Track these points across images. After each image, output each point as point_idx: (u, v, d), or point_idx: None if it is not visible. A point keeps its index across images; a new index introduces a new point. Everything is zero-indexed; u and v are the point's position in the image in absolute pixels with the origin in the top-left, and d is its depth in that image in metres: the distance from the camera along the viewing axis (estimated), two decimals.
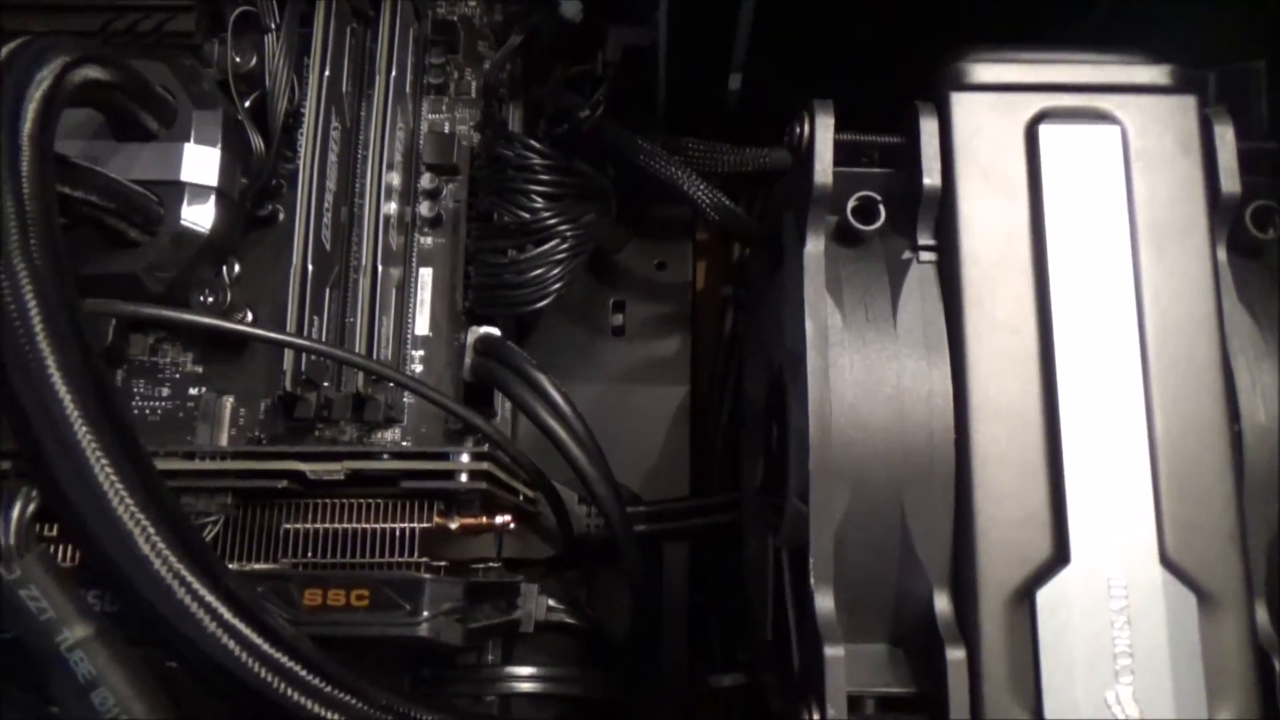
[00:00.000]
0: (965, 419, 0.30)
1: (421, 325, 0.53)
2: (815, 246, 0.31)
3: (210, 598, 0.27)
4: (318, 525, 0.34)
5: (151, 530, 0.27)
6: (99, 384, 0.28)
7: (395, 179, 0.53)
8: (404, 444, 0.49)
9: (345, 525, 0.34)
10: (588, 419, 0.52)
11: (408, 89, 0.55)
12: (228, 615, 0.28)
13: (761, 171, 0.49)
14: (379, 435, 0.50)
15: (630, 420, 0.55)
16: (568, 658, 0.48)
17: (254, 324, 0.51)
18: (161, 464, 0.35)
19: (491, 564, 0.47)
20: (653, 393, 0.56)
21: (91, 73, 0.41)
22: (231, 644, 0.28)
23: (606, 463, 0.44)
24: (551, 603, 0.48)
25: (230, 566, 0.33)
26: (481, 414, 0.49)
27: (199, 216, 0.49)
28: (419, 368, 0.53)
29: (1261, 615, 0.29)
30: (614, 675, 0.49)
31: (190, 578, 0.27)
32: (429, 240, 0.54)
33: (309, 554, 0.34)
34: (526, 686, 0.46)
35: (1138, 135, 0.31)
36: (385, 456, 0.35)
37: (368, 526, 0.34)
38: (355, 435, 0.49)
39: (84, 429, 0.27)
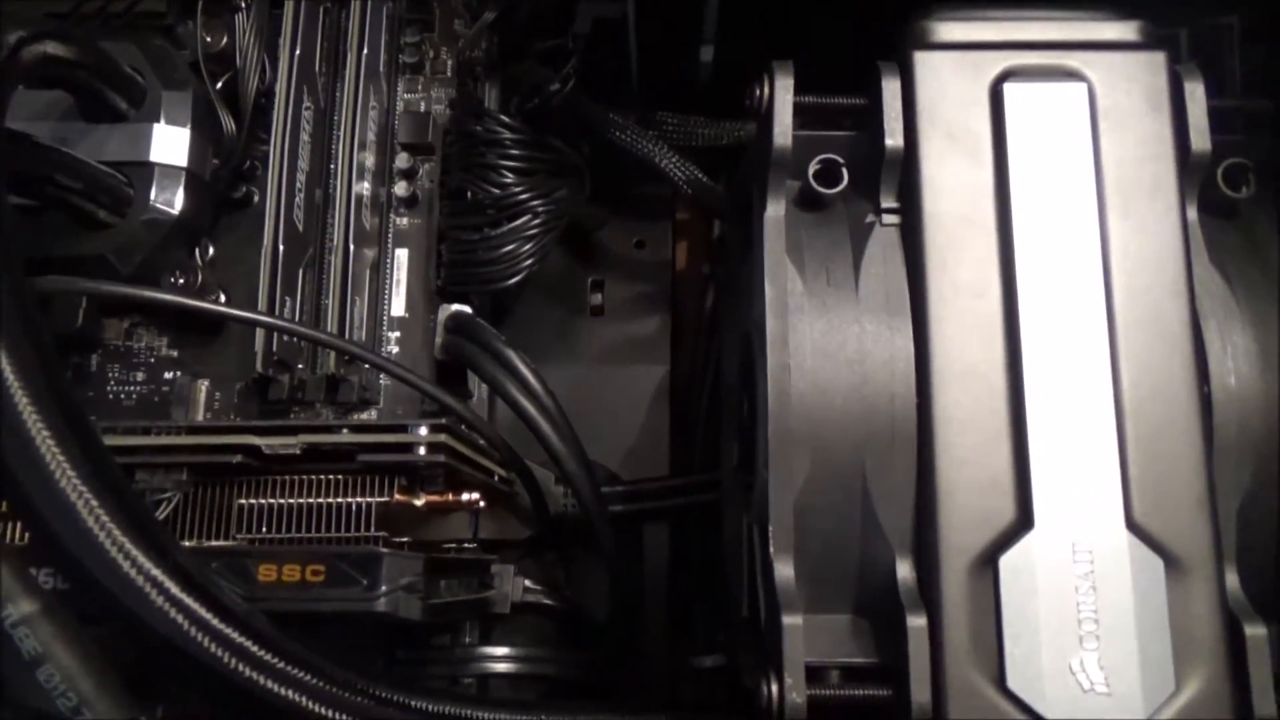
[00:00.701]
0: (928, 383, 0.29)
1: (398, 306, 0.53)
2: (775, 211, 0.31)
3: (157, 572, 0.27)
4: (275, 501, 0.34)
5: (95, 503, 0.26)
6: (42, 358, 0.27)
7: (369, 159, 0.53)
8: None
9: (303, 500, 0.34)
10: (566, 399, 0.51)
11: (382, 68, 0.54)
12: (175, 590, 0.27)
13: (739, 145, 0.48)
14: (355, 417, 0.49)
15: (610, 400, 0.55)
16: (546, 639, 0.48)
17: (225, 305, 0.51)
18: (116, 440, 0.35)
19: (467, 545, 0.46)
20: (632, 372, 0.55)
21: (50, 49, 0.40)
22: (180, 619, 0.27)
23: (579, 441, 0.43)
24: (528, 583, 0.48)
25: (187, 544, 0.33)
26: (456, 394, 0.49)
27: (169, 198, 0.48)
28: (395, 349, 0.52)
29: (1231, 580, 0.28)
30: (594, 656, 0.49)
31: (136, 552, 0.27)
32: (405, 221, 0.53)
33: (267, 530, 0.34)
34: (503, 667, 0.45)
35: (1105, 93, 0.31)
36: (344, 431, 0.35)
37: (326, 501, 0.33)
38: (330, 417, 0.49)
39: (25, 402, 0.26)
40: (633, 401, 0.55)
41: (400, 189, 0.54)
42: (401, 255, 0.54)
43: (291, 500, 0.34)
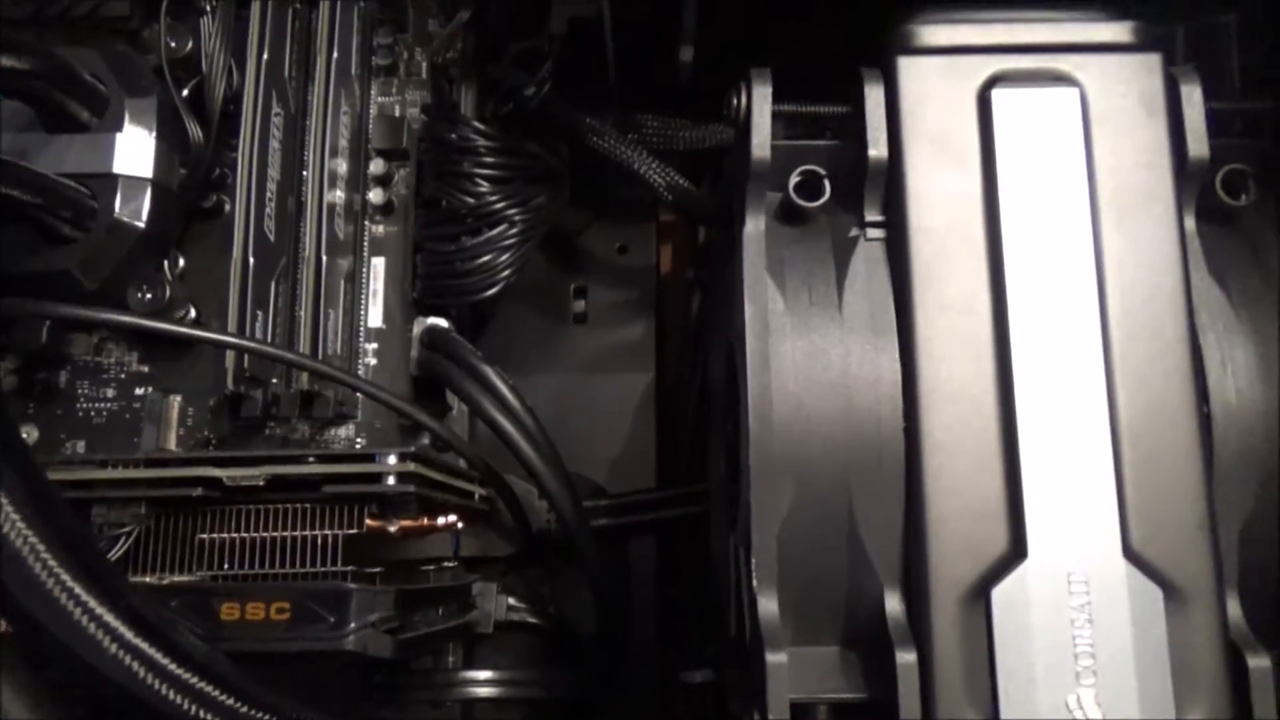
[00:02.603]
0: (915, 406, 0.28)
1: (375, 317, 0.51)
2: (755, 226, 0.29)
3: (109, 617, 0.26)
4: (239, 534, 0.32)
5: (41, 547, 0.25)
6: None
7: (342, 165, 0.51)
8: (358, 441, 0.47)
9: (268, 534, 0.32)
10: (550, 409, 0.50)
11: (353, 71, 0.53)
12: (129, 635, 0.26)
13: (722, 148, 0.47)
14: (332, 432, 0.48)
15: (594, 410, 0.53)
16: (532, 658, 0.47)
17: (196, 320, 0.49)
18: (71, 474, 0.33)
19: (448, 564, 0.45)
20: (617, 381, 0.54)
21: (4, 62, 0.39)
22: (135, 665, 0.26)
23: (559, 458, 0.42)
24: (512, 601, 0.47)
25: (148, 578, 0.32)
26: (434, 409, 0.48)
27: (134, 210, 0.47)
28: (373, 361, 0.51)
29: (1233, 609, 0.27)
30: (581, 674, 0.48)
31: (86, 597, 0.26)
32: (380, 228, 0.52)
33: (231, 565, 0.32)
34: (487, 691, 0.44)
35: (1098, 97, 0.29)
36: (310, 460, 0.33)
37: (292, 535, 0.32)
38: (307, 433, 0.48)
39: None
40: (618, 410, 0.53)
41: (375, 196, 0.52)
42: (378, 264, 0.52)
43: (256, 534, 0.32)
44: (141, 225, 0.47)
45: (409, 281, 0.50)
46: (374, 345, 0.51)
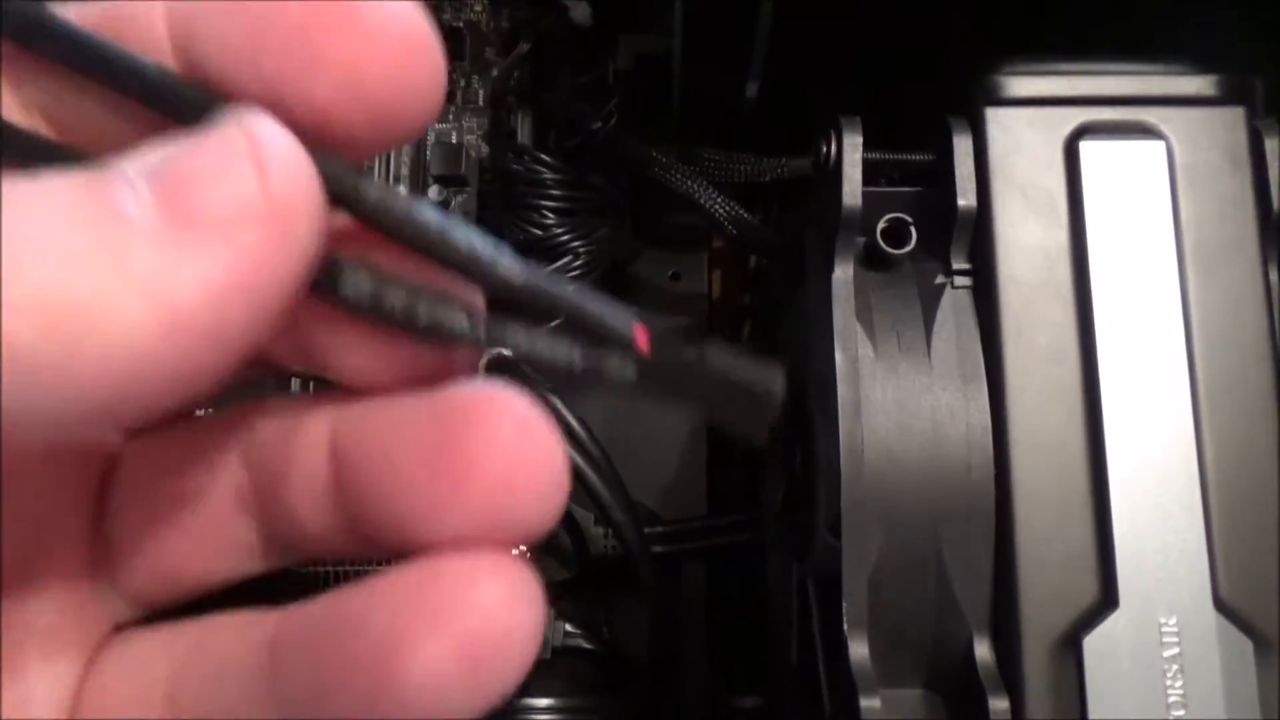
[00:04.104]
0: (1005, 454, 0.28)
1: None
2: (844, 273, 0.30)
3: None
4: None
5: None
6: None
7: (402, 192, 0.52)
8: None
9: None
10: (603, 434, 0.51)
11: None
12: None
13: (779, 180, 0.47)
14: None
15: (646, 436, 0.54)
16: (584, 684, 0.47)
17: None
18: None
19: None
20: (669, 408, 0.54)
21: None
22: None
23: (624, 487, 0.43)
24: (569, 627, 0.47)
25: None
26: None
27: None
28: None
29: None
30: (633, 700, 0.48)
31: None
32: None
33: None
34: (545, 718, 0.45)
35: (1184, 150, 0.30)
36: None
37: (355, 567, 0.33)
38: None
39: None
40: (669, 437, 0.54)
41: None
42: None
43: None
44: None
45: None
46: None
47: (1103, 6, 0.35)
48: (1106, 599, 0.27)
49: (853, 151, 0.30)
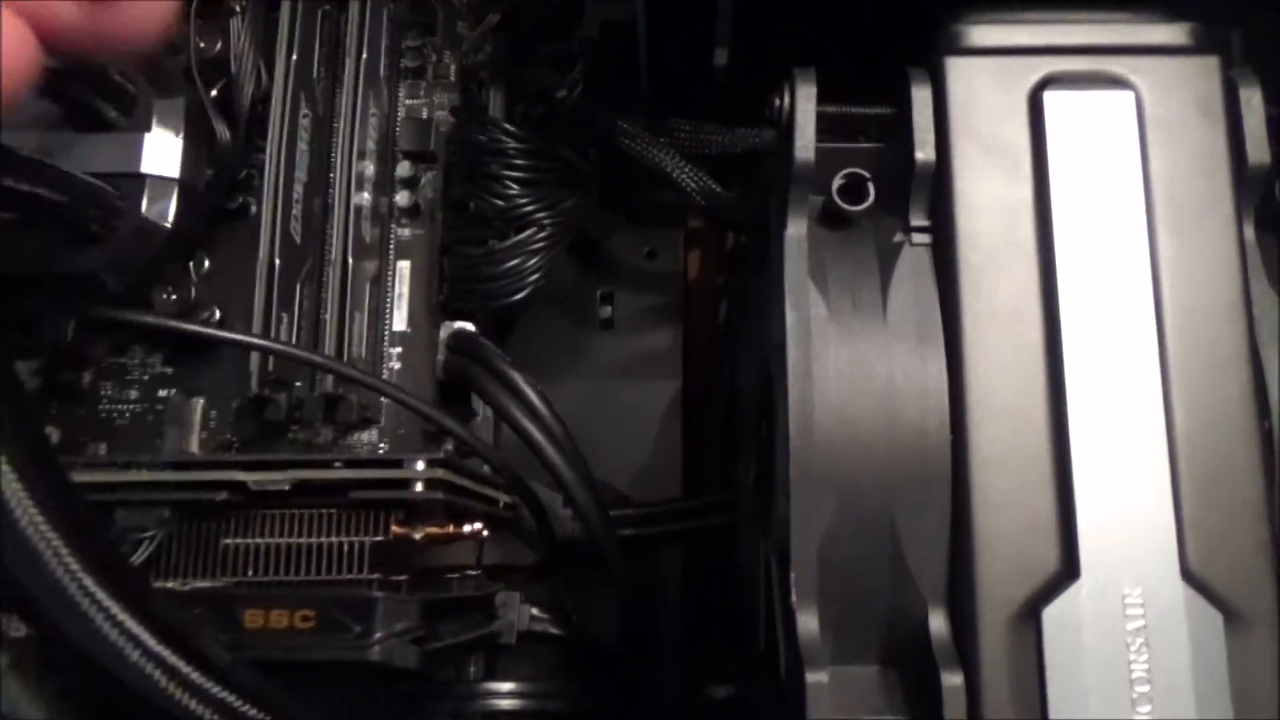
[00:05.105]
0: (962, 418, 0.27)
1: (399, 321, 0.51)
2: (797, 229, 0.29)
3: (131, 622, 0.25)
4: (264, 540, 0.32)
5: (63, 549, 0.24)
6: (4, 391, 0.26)
7: (370, 168, 0.51)
8: (381, 446, 0.47)
9: (294, 540, 0.32)
10: (575, 416, 0.49)
11: (382, 73, 0.52)
12: (151, 642, 0.25)
13: (753, 153, 0.46)
14: (355, 436, 0.48)
15: (621, 417, 0.53)
16: (554, 670, 0.46)
17: (221, 322, 0.49)
18: (94, 476, 0.33)
19: (471, 572, 0.44)
20: (644, 388, 0.53)
21: None
22: (156, 672, 0.25)
23: (586, 465, 0.41)
24: (535, 611, 0.46)
25: (171, 584, 0.31)
26: (459, 415, 0.47)
27: (161, 210, 0.47)
28: (397, 365, 0.51)
29: None
30: (604, 686, 0.47)
31: (109, 601, 0.25)
32: (407, 231, 0.52)
33: (255, 571, 0.31)
34: (509, 703, 0.44)
35: (1154, 101, 0.28)
36: (337, 465, 0.33)
37: (318, 541, 0.31)
38: (330, 436, 0.47)
39: None
40: (644, 418, 0.53)
41: (402, 199, 0.52)
42: (403, 268, 0.52)
43: (280, 540, 0.32)
44: (168, 226, 0.47)
45: (435, 286, 0.50)
46: (398, 349, 0.51)
47: None
48: (1067, 569, 0.26)
49: (806, 103, 0.29)
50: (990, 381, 0.27)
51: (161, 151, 0.47)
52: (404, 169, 0.52)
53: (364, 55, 0.50)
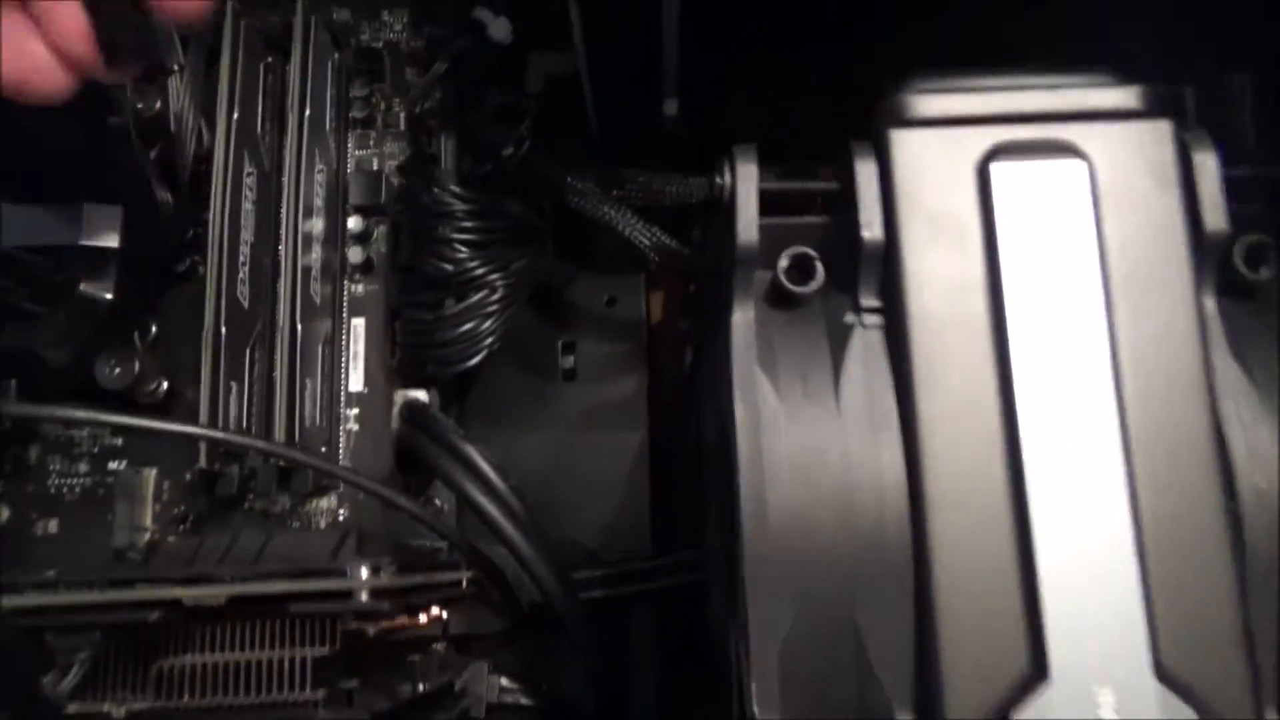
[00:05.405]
0: (921, 512, 0.26)
1: (355, 381, 0.49)
2: (744, 315, 0.27)
3: None
4: (203, 659, 0.30)
5: None
6: None
7: (319, 224, 0.49)
8: (341, 511, 0.46)
9: (234, 656, 0.30)
10: (539, 470, 0.48)
11: (328, 126, 0.51)
12: None
13: (714, 200, 0.45)
14: (314, 504, 0.47)
15: (585, 469, 0.51)
16: None
17: (168, 393, 0.48)
18: (20, 600, 0.31)
19: (436, 646, 0.43)
20: (609, 439, 0.52)
21: None
22: None
23: (547, 539, 0.40)
24: (505, 682, 0.45)
25: (107, 707, 0.30)
26: (422, 476, 0.46)
27: (102, 282, 0.45)
28: (354, 427, 0.49)
29: None
30: None
31: None
32: (360, 287, 0.50)
33: (195, 691, 0.30)
34: None
35: (1106, 169, 0.27)
36: (276, 579, 0.31)
37: (259, 656, 0.30)
38: (288, 505, 0.46)
39: None
40: (610, 470, 0.51)
41: (354, 254, 0.50)
42: (358, 325, 0.50)
43: (220, 655, 0.30)
44: (109, 298, 0.46)
45: (390, 341, 0.48)
46: (355, 410, 0.49)
47: (1013, 13, 0.33)
48: (1037, 670, 0.25)
49: (747, 183, 0.27)
50: (948, 472, 0.26)
51: (100, 221, 0.45)
52: (355, 223, 0.51)
53: (306, 111, 0.48)
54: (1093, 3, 0.31)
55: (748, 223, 0.27)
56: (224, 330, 0.44)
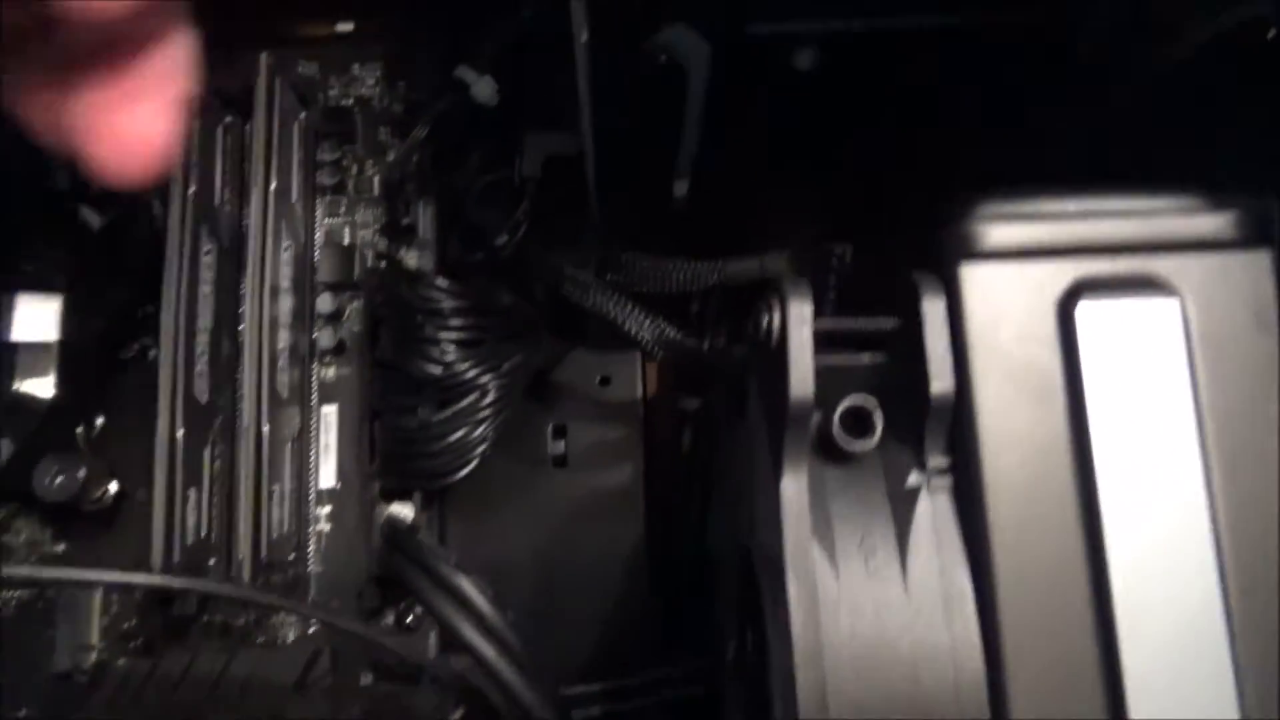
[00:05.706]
0: (1003, 708, 0.23)
1: (327, 477, 0.45)
2: (796, 481, 0.24)
3: None
4: None
5: None
6: None
7: (285, 305, 0.45)
8: (310, 623, 0.42)
9: None
10: (529, 564, 0.45)
11: (294, 196, 0.47)
12: None
13: (720, 287, 0.41)
14: (279, 615, 0.42)
15: (581, 563, 0.47)
16: None
17: (119, 496, 0.44)
18: None
19: None
20: (605, 529, 0.48)
21: None
22: None
23: (532, 664, 0.36)
24: None
25: None
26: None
27: (37, 382, 0.41)
28: (326, 526, 0.45)
29: None
30: None
31: None
32: (331, 372, 0.46)
33: None
34: None
35: (1201, 307, 0.24)
36: None
37: None
38: (251, 618, 0.42)
39: None
40: (606, 563, 0.48)
41: (324, 337, 0.46)
42: (329, 414, 0.46)
43: None
44: (48, 397, 0.41)
45: (366, 431, 0.44)
46: (326, 509, 0.45)
47: (1091, 127, 0.30)
48: None
49: (800, 326, 0.24)
50: (1033, 660, 0.23)
51: (36, 313, 0.41)
52: (326, 302, 0.46)
53: (271, 184, 0.44)
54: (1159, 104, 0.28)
55: (802, 376, 0.24)
56: (180, 434, 0.40)
